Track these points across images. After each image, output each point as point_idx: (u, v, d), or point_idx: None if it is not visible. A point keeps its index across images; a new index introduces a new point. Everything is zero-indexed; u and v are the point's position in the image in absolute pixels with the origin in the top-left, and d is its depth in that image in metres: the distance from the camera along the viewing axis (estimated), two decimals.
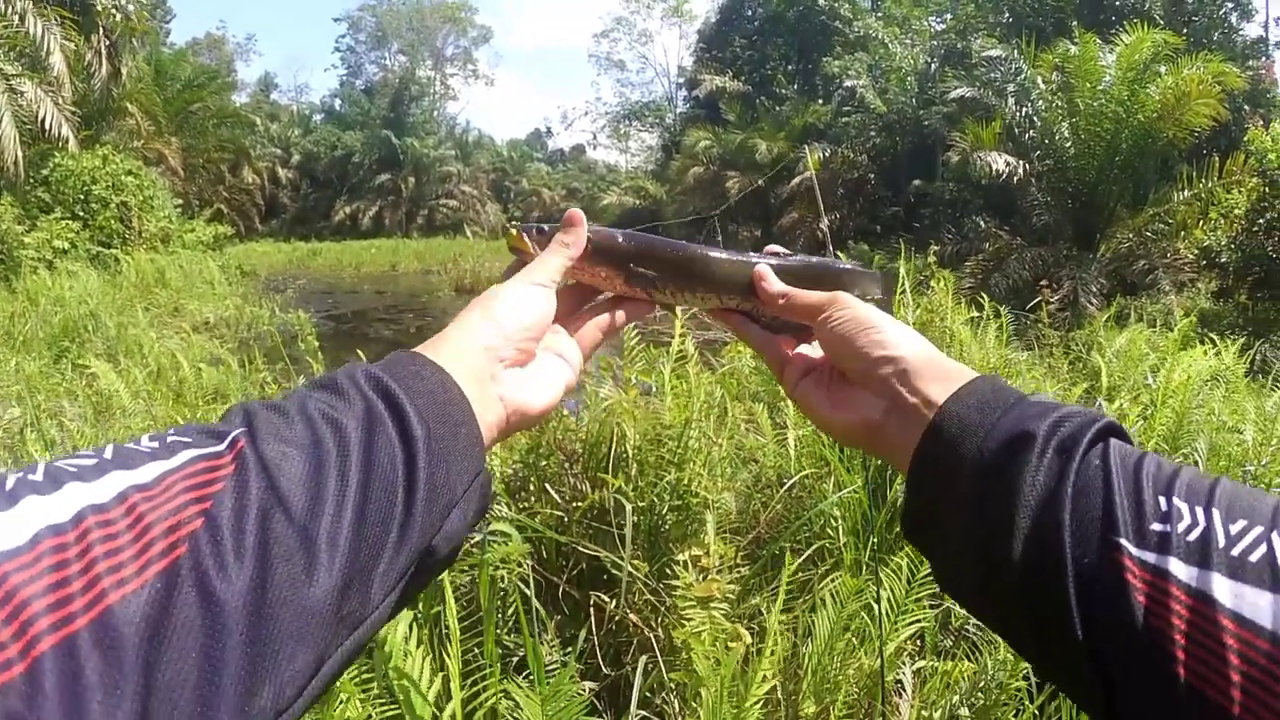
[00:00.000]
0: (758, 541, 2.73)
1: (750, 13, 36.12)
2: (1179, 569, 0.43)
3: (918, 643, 2.34)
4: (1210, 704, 0.40)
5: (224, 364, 6.26)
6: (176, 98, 28.79)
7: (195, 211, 26.40)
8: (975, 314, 5.53)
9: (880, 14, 28.91)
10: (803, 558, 2.47)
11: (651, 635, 2.07)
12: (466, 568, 2.16)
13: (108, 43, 15.06)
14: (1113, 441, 0.52)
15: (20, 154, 11.17)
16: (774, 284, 0.78)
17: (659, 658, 1.99)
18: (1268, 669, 0.39)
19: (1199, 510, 0.45)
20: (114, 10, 14.73)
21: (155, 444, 0.43)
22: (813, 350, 0.78)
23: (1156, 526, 0.45)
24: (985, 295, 6.76)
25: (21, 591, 0.33)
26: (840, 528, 2.61)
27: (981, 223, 15.77)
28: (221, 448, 0.44)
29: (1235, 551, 0.43)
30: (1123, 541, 0.45)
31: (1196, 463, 3.32)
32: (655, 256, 0.78)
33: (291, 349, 7.73)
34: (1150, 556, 0.44)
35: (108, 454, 0.41)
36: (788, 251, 0.83)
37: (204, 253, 19.49)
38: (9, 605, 0.32)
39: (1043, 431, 0.52)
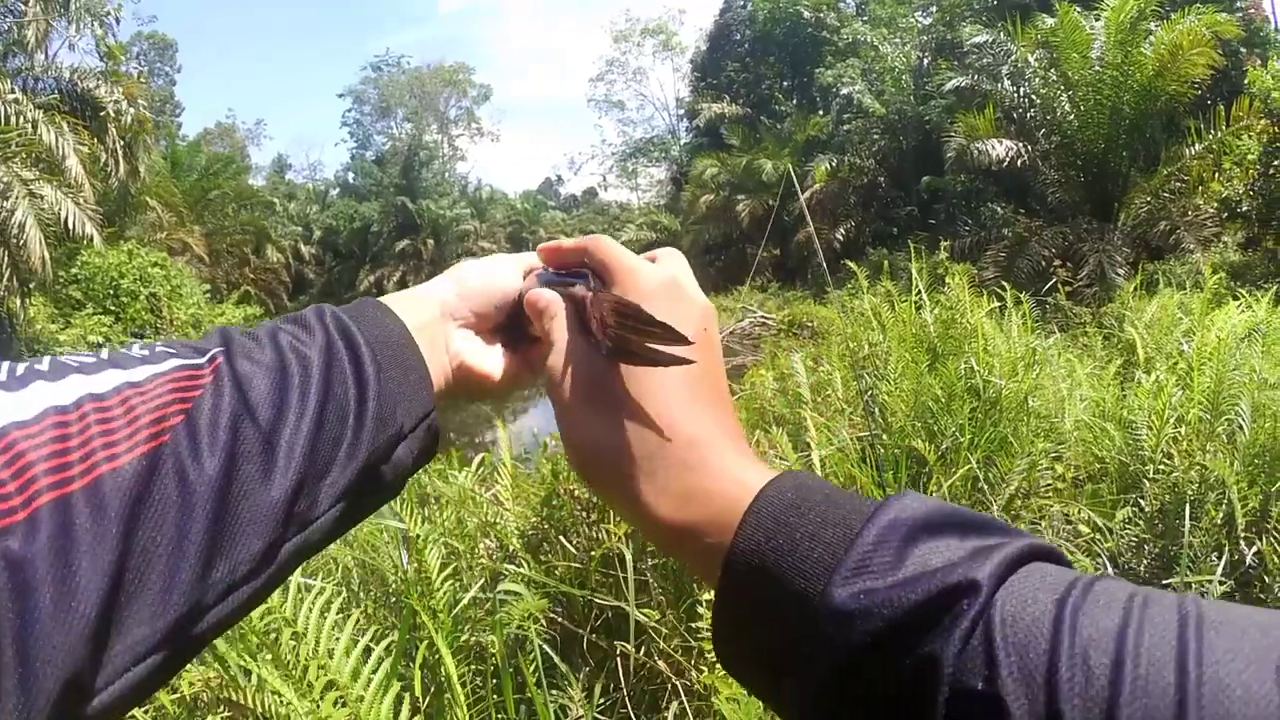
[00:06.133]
0: None
1: (738, 36, 36.06)
2: None
3: None
4: None
5: None
6: (194, 187, 29.68)
7: (224, 295, 27.15)
8: (999, 304, 5.42)
9: (866, 18, 28.85)
10: None
11: (681, 681, 2.01)
12: (486, 628, 2.13)
13: (122, 142, 15.53)
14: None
15: (47, 254, 11.65)
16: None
17: (687, 704, 1.94)
18: None
19: None
20: (121, 114, 15.16)
21: (146, 352, 0.49)
22: None
23: None
24: (1009, 283, 6.65)
25: (28, 455, 0.38)
26: None
27: (998, 210, 15.56)
28: (202, 361, 0.49)
29: None
30: None
31: (1241, 427, 3.22)
32: None
33: None
34: None
35: (104, 355, 0.47)
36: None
37: None
38: (16, 464, 0.37)
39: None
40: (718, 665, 1.70)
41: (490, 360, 0.69)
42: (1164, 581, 2.76)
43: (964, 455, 3.16)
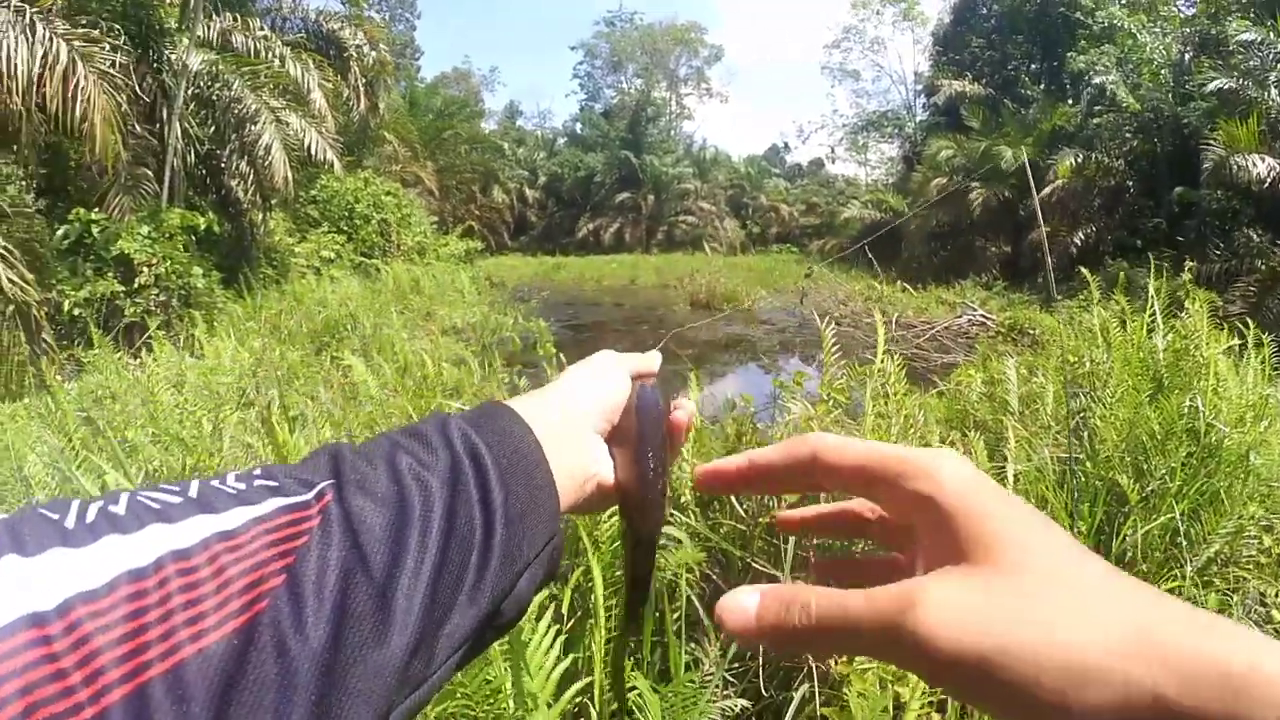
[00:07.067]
0: None
1: (985, 10, 33.56)
2: None
3: None
4: None
5: (465, 364, 6.68)
6: (429, 126, 31.96)
7: (449, 227, 28.81)
8: (1239, 342, 4.90)
9: (1124, 1, 26.42)
10: None
11: (816, 665, 1.99)
12: None
13: (363, 80, 17.06)
14: None
15: (289, 175, 12.74)
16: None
17: (815, 688, 1.91)
18: None
19: None
20: (362, 54, 16.75)
21: (242, 485, 0.43)
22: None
23: None
24: (1254, 321, 6.01)
25: (95, 639, 0.33)
26: None
27: (1254, 236, 13.89)
28: (308, 497, 0.44)
29: None
30: None
31: None
32: None
33: (530, 355, 8.21)
34: None
35: (192, 492, 0.42)
36: None
37: (456, 265, 21.09)
38: (82, 650, 0.32)
39: None
40: (856, 657, 1.66)
41: (611, 470, 0.62)
42: None
43: (1169, 502, 2.91)
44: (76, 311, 8.97)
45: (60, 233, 9.83)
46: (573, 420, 0.60)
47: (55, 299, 9.05)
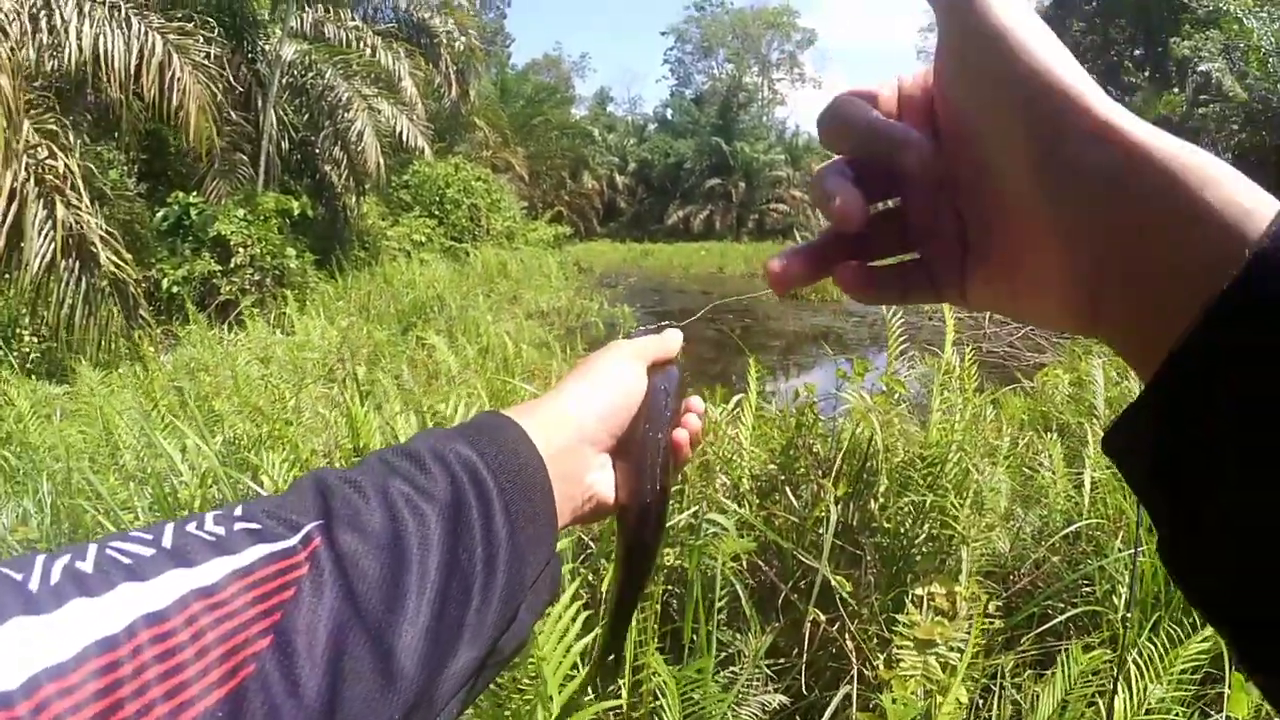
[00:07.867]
0: (1029, 594, 2.43)
1: None
2: None
3: None
4: None
5: (547, 347, 6.75)
6: (520, 113, 32.48)
7: (538, 213, 29.28)
8: None
9: None
10: (1055, 620, 2.18)
11: (861, 666, 1.92)
12: (679, 552, 2.15)
13: (454, 68, 17.39)
14: None
15: (382, 161, 13.13)
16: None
17: (855, 691, 1.85)
18: None
19: None
20: (453, 41, 17.07)
21: (220, 530, 0.39)
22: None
23: None
24: None
25: None
26: (1123, 597, 2.13)
27: None
28: (294, 543, 0.40)
29: None
30: None
31: None
32: None
33: (613, 340, 8.28)
34: None
35: (166, 541, 0.37)
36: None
37: (544, 250, 21.42)
38: None
39: None
40: (900, 663, 1.60)
41: (610, 486, 0.60)
42: None
43: None
44: (174, 289, 9.42)
45: (160, 215, 10.37)
46: (576, 436, 0.56)
47: (155, 277, 9.53)
